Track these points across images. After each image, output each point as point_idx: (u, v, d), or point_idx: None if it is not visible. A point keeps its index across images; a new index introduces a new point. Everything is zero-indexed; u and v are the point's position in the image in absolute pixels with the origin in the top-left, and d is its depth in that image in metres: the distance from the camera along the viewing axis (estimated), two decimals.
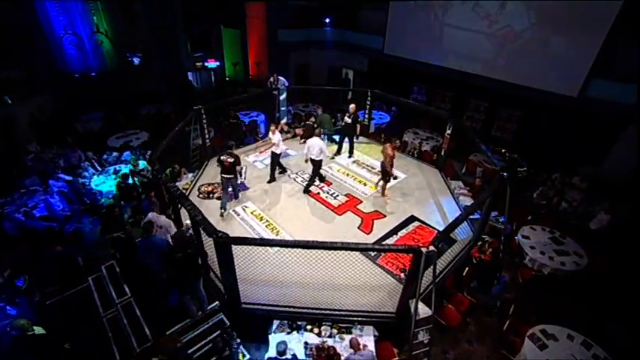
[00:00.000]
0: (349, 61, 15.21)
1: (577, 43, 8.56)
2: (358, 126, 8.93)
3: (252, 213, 7.10)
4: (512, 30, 9.69)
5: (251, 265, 4.99)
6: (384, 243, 6.40)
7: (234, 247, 4.44)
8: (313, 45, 14.95)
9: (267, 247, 4.72)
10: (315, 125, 9.63)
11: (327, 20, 14.47)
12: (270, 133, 7.90)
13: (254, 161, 9.03)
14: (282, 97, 9.88)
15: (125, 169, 8.58)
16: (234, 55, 15.58)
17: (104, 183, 8.58)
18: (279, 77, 9.69)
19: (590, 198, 8.02)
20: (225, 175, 6.72)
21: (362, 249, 4.41)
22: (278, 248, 4.55)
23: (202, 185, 7.92)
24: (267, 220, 6.86)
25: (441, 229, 6.56)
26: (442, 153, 8.76)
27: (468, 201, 7.75)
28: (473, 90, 11.28)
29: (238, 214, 7.07)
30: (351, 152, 9.21)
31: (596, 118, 8.70)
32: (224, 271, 4.76)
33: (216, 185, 7.84)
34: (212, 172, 8.36)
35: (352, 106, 8.69)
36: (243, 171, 8.49)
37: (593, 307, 5.96)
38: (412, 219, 7.03)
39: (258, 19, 14.51)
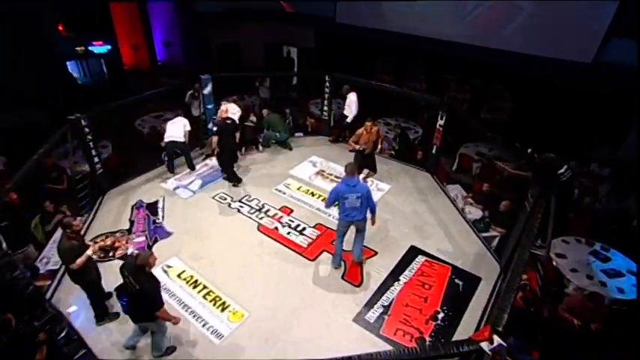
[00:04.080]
0: (291, 37, 13.97)
1: None
2: (237, 134, 7.29)
3: (179, 276, 5.35)
4: None
5: None
6: (386, 299, 5.11)
7: None
8: (242, 17, 13.39)
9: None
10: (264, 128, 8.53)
11: None
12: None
13: (175, 188, 7.30)
14: (207, 90, 8.31)
15: None
16: (132, 36, 13.43)
17: None
18: (201, 76, 8.29)
19: (617, 189, 7.41)
20: None
21: None
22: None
23: (98, 237, 5.97)
24: (204, 287, 5.19)
25: (455, 262, 5.72)
26: (433, 151, 7.80)
27: (476, 212, 6.98)
28: (454, 64, 10.54)
29: None
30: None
31: (615, 88, 8.02)
32: None
33: (118, 236, 5.97)
34: (112, 213, 6.57)
35: (224, 108, 7.07)
36: (160, 206, 6.73)
37: None
38: (414, 252, 5.96)
39: None
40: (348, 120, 8.40)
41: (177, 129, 7.23)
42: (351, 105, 8.27)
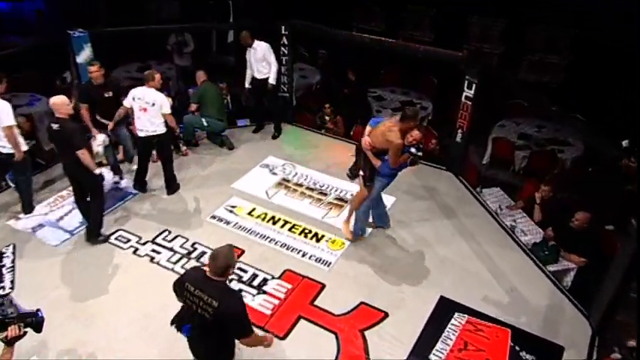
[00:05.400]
0: None
1: None
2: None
3: None
4: None
5: None
6: None
7: None
8: None
9: None
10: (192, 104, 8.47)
11: None
12: None
13: (36, 228, 6.75)
14: (82, 56, 7.97)
15: None
16: None
17: None
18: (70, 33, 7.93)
19: None
20: None
21: None
22: None
23: None
24: None
25: (515, 320, 5.41)
26: (457, 139, 7.74)
27: (533, 232, 6.85)
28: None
29: None
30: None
31: None
32: None
33: None
34: None
35: (51, 101, 6.30)
36: (6, 264, 6.05)
37: None
38: (447, 307, 5.61)
39: None
40: (272, 80, 8.42)
41: None
42: (268, 58, 8.26)
